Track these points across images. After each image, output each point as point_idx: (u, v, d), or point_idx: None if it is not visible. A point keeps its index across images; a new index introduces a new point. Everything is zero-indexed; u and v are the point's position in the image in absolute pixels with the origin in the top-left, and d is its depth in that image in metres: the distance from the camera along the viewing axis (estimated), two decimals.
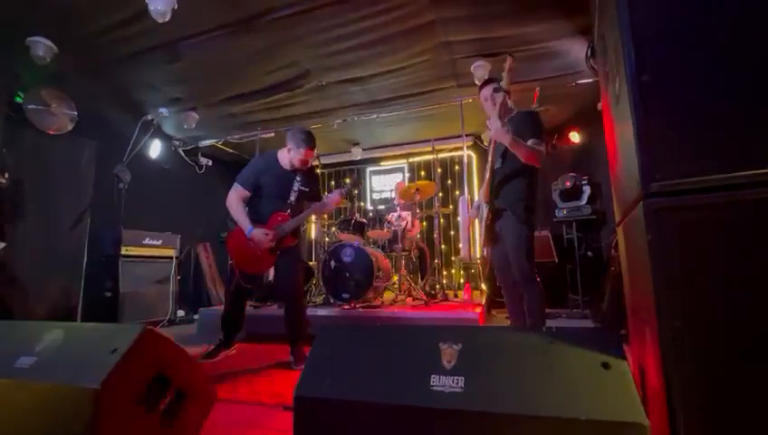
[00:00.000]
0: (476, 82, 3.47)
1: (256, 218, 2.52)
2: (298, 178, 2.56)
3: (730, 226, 0.76)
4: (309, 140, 2.48)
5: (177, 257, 4.37)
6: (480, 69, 3.37)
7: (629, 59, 0.87)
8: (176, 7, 2.51)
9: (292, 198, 2.54)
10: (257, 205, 2.55)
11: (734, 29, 0.80)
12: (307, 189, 2.61)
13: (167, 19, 2.53)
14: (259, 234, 2.42)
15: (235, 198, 2.49)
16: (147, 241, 4.10)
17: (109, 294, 3.73)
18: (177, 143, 5.05)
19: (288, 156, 2.52)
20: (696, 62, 0.82)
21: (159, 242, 4.22)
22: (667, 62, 0.84)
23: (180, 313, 4.41)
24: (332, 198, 2.65)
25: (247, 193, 2.52)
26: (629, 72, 0.87)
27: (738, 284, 0.75)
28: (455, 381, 0.81)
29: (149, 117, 3.97)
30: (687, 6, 0.84)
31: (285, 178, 2.55)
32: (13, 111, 3.33)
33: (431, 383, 0.82)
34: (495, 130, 2.02)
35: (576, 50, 3.17)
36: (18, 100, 3.36)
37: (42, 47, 2.90)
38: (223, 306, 2.74)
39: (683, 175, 0.77)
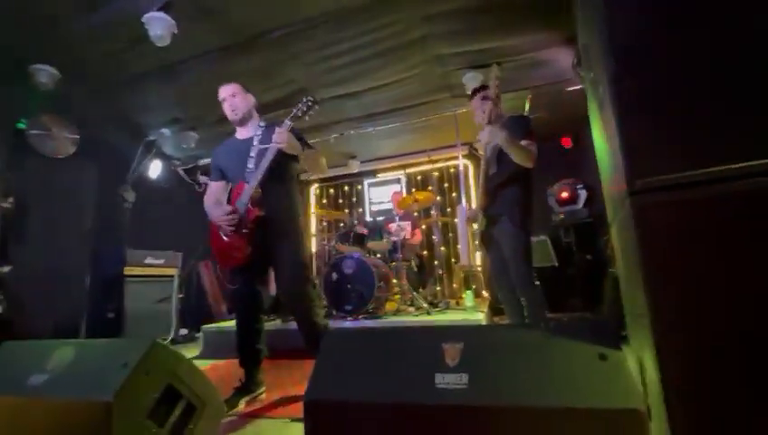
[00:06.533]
0: (468, 93, 3.56)
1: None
2: (255, 142, 2.11)
3: (712, 219, 0.79)
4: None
5: (179, 276, 4.38)
6: (471, 80, 3.46)
7: (610, 65, 0.93)
8: (175, 32, 2.59)
9: (251, 164, 2.07)
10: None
11: (708, 33, 0.86)
12: (267, 145, 2.07)
13: (167, 43, 2.61)
14: (217, 214, 2.02)
15: (208, 195, 2.18)
16: (148, 260, 4.11)
17: (111, 315, 3.74)
18: (177, 162, 5.10)
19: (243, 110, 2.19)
20: (673, 65, 0.88)
21: (161, 261, 4.24)
22: (646, 67, 0.90)
23: (183, 331, 4.40)
24: (280, 127, 2.08)
25: (219, 183, 2.20)
26: (610, 77, 0.93)
27: (723, 275, 0.78)
28: (459, 377, 0.83)
29: (151, 138, 4.03)
30: (661, 15, 0.90)
31: (242, 147, 2.15)
32: (16, 138, 3.39)
33: (436, 381, 0.85)
34: (489, 132, 2.05)
35: (563, 59, 3.26)
36: (21, 126, 3.42)
37: (45, 74, 2.98)
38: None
39: (664, 171, 0.82)
